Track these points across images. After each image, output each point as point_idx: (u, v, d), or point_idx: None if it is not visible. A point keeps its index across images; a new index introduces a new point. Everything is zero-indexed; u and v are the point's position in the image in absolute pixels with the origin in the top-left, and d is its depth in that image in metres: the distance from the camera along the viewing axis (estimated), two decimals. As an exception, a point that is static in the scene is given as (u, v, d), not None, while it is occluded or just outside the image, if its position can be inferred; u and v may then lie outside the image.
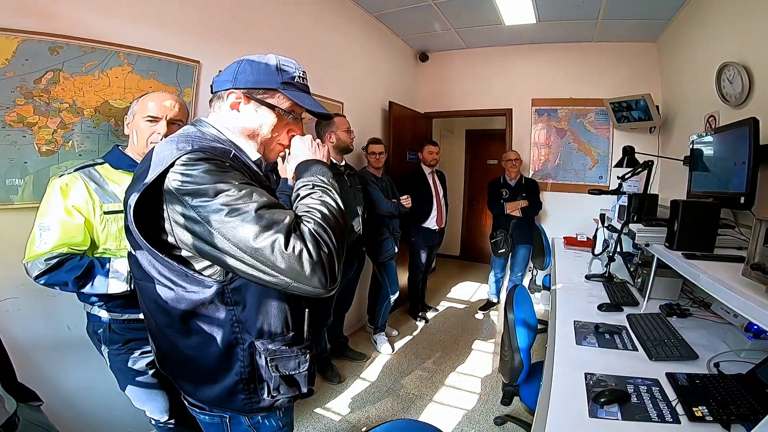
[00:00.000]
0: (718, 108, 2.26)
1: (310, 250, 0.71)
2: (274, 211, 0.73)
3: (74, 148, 1.53)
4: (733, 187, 1.67)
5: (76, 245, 1.23)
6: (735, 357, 1.33)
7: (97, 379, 1.57)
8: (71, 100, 1.50)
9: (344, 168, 2.54)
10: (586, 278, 2.36)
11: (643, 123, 3.44)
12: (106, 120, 1.60)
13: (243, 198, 0.72)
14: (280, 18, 2.49)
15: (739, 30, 2.10)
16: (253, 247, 0.69)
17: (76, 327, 1.51)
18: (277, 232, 0.70)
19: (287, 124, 0.96)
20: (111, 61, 1.60)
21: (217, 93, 0.92)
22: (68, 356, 1.54)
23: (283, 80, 0.91)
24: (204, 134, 0.88)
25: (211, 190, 0.72)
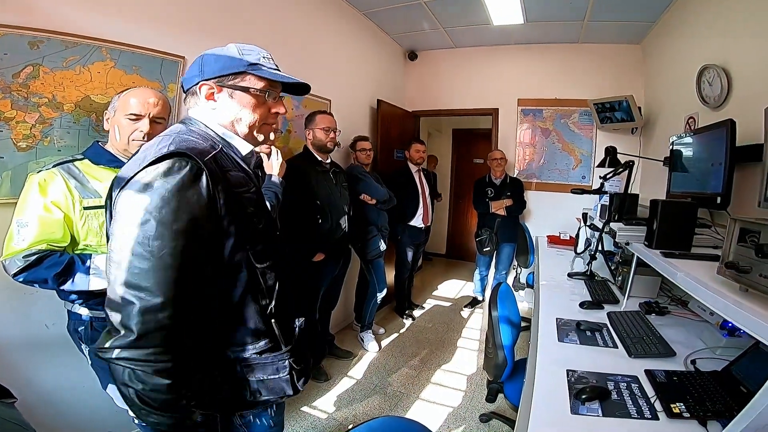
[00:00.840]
0: (697, 109, 2.31)
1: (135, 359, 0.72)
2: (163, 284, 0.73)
3: (53, 144, 1.49)
4: (710, 187, 1.71)
5: (55, 242, 1.20)
6: (711, 354, 1.37)
7: (77, 377, 1.55)
8: (51, 94, 1.47)
9: (329, 165, 2.53)
10: (568, 276, 2.41)
11: (625, 124, 3.51)
12: (87, 115, 1.57)
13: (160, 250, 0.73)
14: (267, 14, 2.46)
15: (720, 33, 2.15)
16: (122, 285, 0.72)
17: (55, 325, 1.48)
18: (141, 300, 0.71)
19: (267, 104, 0.96)
20: (93, 56, 1.57)
21: (190, 90, 0.93)
22: (47, 355, 1.51)
23: (248, 62, 0.91)
24: (191, 131, 0.88)
25: (151, 217, 0.73)
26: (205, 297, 0.81)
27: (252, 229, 0.88)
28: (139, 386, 0.74)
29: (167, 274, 0.73)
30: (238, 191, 0.86)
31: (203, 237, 0.78)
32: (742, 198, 1.66)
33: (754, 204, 1.28)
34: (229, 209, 0.82)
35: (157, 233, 0.72)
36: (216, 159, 0.83)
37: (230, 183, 0.84)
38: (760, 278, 0.85)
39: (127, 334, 0.71)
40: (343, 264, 2.73)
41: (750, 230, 0.93)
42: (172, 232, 0.73)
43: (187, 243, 0.75)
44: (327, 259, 2.48)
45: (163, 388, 0.74)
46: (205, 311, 0.81)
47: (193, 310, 0.78)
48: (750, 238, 0.93)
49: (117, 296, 0.72)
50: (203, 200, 0.77)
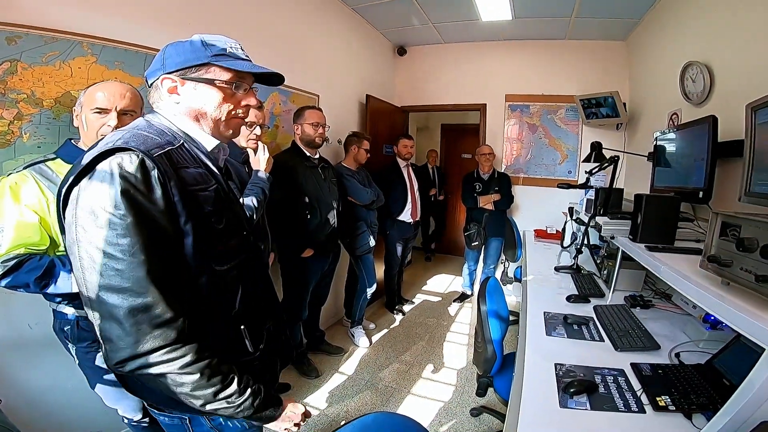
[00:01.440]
0: (680, 106, 2.36)
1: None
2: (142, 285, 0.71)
3: (32, 140, 1.45)
4: (693, 182, 1.74)
5: (33, 245, 1.17)
6: (694, 347, 1.40)
7: (63, 377, 1.53)
8: (30, 90, 1.43)
9: (318, 161, 2.51)
10: (555, 270, 2.44)
11: (610, 119, 3.56)
12: (68, 111, 1.52)
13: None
14: (254, 8, 2.41)
15: (703, 30, 2.18)
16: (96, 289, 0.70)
17: (38, 325, 1.46)
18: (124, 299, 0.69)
19: (236, 96, 0.90)
20: (73, 51, 1.53)
21: (153, 85, 0.88)
22: (31, 355, 1.49)
23: (213, 53, 0.86)
24: (151, 126, 0.84)
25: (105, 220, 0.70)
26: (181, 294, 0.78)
27: (209, 229, 0.83)
28: (184, 389, 0.73)
29: (144, 269, 0.70)
30: (193, 189, 0.80)
31: (166, 231, 0.75)
32: (723, 192, 1.70)
33: (735, 198, 1.30)
34: (185, 207, 0.77)
35: (123, 230, 0.69)
36: (169, 155, 0.79)
37: (184, 181, 0.79)
38: (741, 272, 0.87)
39: (125, 342, 0.69)
40: (333, 259, 2.72)
41: (731, 224, 0.94)
42: (135, 226, 0.70)
43: (153, 235, 0.73)
44: (316, 255, 2.47)
45: (200, 382, 0.74)
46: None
47: (181, 299, 0.76)
48: (731, 232, 0.94)
49: (100, 303, 0.70)
50: (157, 195, 0.74)
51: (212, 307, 0.85)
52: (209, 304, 0.84)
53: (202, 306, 0.82)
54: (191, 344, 0.74)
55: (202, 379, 0.74)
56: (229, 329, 0.89)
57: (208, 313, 0.84)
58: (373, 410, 2.30)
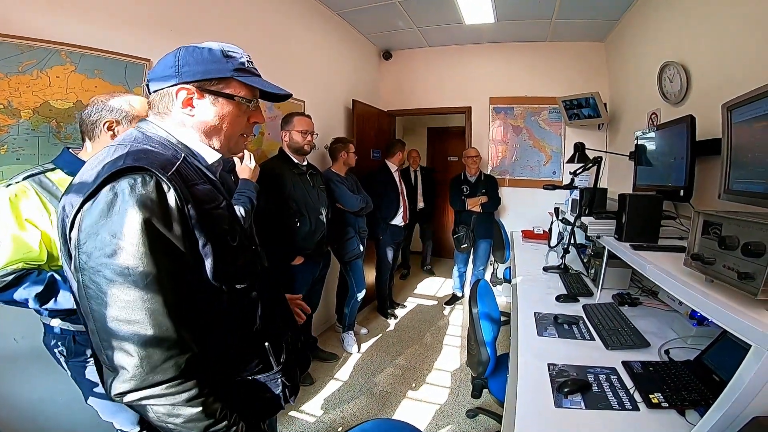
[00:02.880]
0: (659, 105, 2.41)
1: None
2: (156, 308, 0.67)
3: (11, 152, 1.40)
4: (673, 180, 1.78)
5: (32, 260, 1.13)
6: (682, 344, 1.43)
7: (55, 391, 1.49)
8: (6, 101, 1.38)
9: (306, 168, 2.49)
10: (543, 270, 2.47)
11: (592, 120, 3.63)
12: (47, 122, 1.49)
13: None
14: (237, 14, 2.39)
15: (679, 31, 2.23)
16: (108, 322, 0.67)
17: (24, 339, 1.43)
18: (136, 333, 0.66)
19: (247, 112, 0.88)
20: (51, 59, 1.49)
21: (160, 92, 0.81)
22: (19, 369, 1.45)
23: (234, 67, 0.83)
24: (148, 138, 0.79)
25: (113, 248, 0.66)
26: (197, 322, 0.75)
27: (226, 248, 0.79)
28: (177, 420, 0.70)
29: (157, 301, 0.67)
30: (208, 208, 0.77)
31: (183, 258, 0.71)
32: (703, 190, 1.75)
33: (715, 196, 1.34)
34: (203, 229, 0.74)
35: (136, 260, 0.65)
36: (180, 171, 0.74)
37: (199, 199, 0.75)
38: (724, 269, 0.89)
39: (135, 373, 0.66)
40: (323, 266, 2.70)
41: (713, 223, 0.96)
42: (151, 256, 0.66)
43: (170, 264, 0.69)
44: (306, 262, 2.46)
45: (199, 416, 0.71)
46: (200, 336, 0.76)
47: (194, 329, 0.73)
48: (713, 230, 0.96)
49: (109, 334, 0.66)
50: (175, 220, 0.70)
51: (235, 328, 0.83)
52: (231, 324, 0.82)
53: (223, 327, 0.80)
54: (197, 377, 0.72)
55: (201, 413, 0.71)
56: (254, 347, 0.87)
57: (230, 334, 0.82)
58: (369, 415, 2.30)
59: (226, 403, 0.77)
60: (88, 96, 1.58)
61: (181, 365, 0.69)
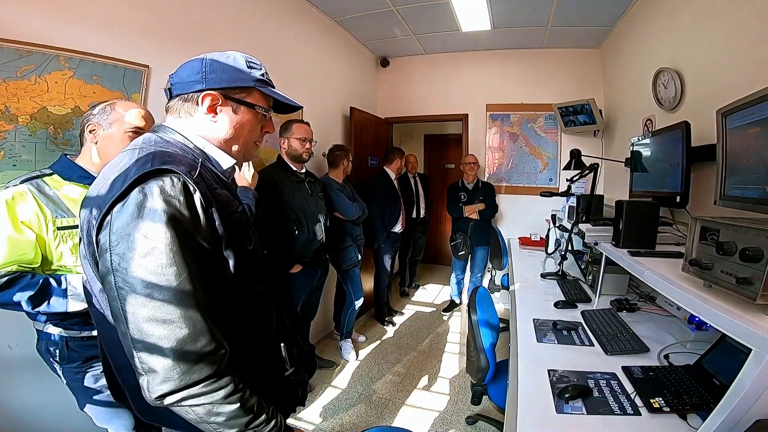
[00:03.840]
0: (654, 112, 2.44)
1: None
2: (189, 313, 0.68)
3: (8, 158, 1.40)
4: (669, 186, 1.79)
5: (26, 263, 1.13)
6: (681, 348, 1.44)
7: (50, 398, 1.48)
8: (4, 106, 1.38)
9: (305, 175, 2.49)
10: (541, 277, 2.48)
11: (588, 127, 3.66)
12: (44, 127, 1.48)
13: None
14: (236, 21, 2.41)
15: (674, 38, 2.26)
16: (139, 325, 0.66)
17: (18, 346, 1.41)
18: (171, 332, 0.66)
19: (261, 121, 0.91)
20: (50, 65, 1.49)
21: (182, 96, 0.83)
22: (13, 376, 1.44)
23: (256, 77, 0.86)
24: (167, 143, 0.80)
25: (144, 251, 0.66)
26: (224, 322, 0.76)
27: (244, 251, 0.81)
28: (219, 419, 0.70)
29: (191, 300, 0.67)
30: (228, 211, 0.79)
31: (211, 258, 0.73)
32: (699, 196, 1.76)
33: (711, 202, 1.35)
34: (226, 231, 0.76)
35: (169, 260, 0.66)
36: (202, 175, 0.76)
37: (220, 203, 0.77)
38: (722, 274, 0.89)
39: (172, 374, 0.66)
40: (321, 274, 2.69)
41: (710, 229, 0.97)
42: (182, 255, 0.67)
43: (199, 263, 0.70)
44: (304, 270, 2.44)
45: (238, 412, 0.71)
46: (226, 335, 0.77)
47: (224, 327, 0.74)
48: (710, 236, 0.97)
49: (143, 335, 0.66)
50: (201, 220, 0.71)
51: (252, 330, 0.84)
52: (249, 326, 0.83)
53: (242, 329, 0.81)
54: (232, 374, 0.72)
55: (239, 410, 0.72)
56: (269, 349, 0.88)
57: (248, 336, 0.83)
58: (368, 423, 2.28)
59: (260, 397, 0.78)
60: (86, 102, 1.58)
61: (216, 363, 0.69)
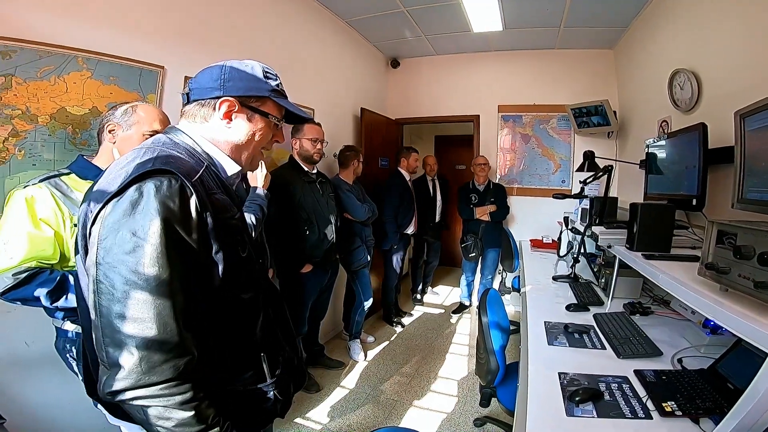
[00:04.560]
0: (670, 113, 2.39)
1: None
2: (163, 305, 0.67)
3: (28, 158, 1.43)
4: (685, 189, 1.76)
5: (45, 259, 1.16)
6: (696, 352, 1.41)
7: (64, 394, 1.50)
8: (24, 106, 1.41)
9: (316, 176, 2.51)
10: (553, 279, 2.45)
11: (601, 128, 3.61)
12: (63, 128, 1.52)
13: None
14: (249, 22, 2.44)
15: (690, 38, 2.22)
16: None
17: (34, 343, 1.44)
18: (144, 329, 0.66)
19: (273, 130, 0.93)
20: (68, 65, 1.52)
21: (200, 101, 0.85)
22: (29, 373, 1.47)
23: (271, 88, 0.88)
24: (176, 145, 0.82)
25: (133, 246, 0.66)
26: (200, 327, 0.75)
27: (236, 257, 0.82)
28: (167, 424, 0.69)
29: (166, 302, 0.67)
30: (224, 217, 0.79)
31: (197, 262, 0.73)
32: (716, 199, 1.72)
33: (728, 205, 1.32)
34: (217, 237, 0.76)
35: (152, 260, 0.66)
36: (202, 179, 0.77)
37: (216, 208, 0.77)
38: (740, 278, 0.88)
39: (132, 371, 0.65)
40: (331, 274, 2.70)
41: (727, 232, 0.95)
42: (167, 257, 0.67)
43: (184, 267, 0.70)
44: (315, 270, 2.46)
45: (190, 421, 0.70)
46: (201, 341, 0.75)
47: (196, 333, 0.73)
48: (728, 240, 0.95)
49: (113, 330, 0.66)
50: (193, 224, 0.71)
51: (234, 336, 0.84)
52: (231, 332, 0.83)
53: (224, 335, 0.81)
54: (193, 381, 0.71)
55: (192, 418, 0.70)
56: (250, 357, 0.87)
57: (229, 341, 0.83)
58: (375, 423, 2.28)
59: (219, 410, 0.76)
60: (104, 102, 1.61)
61: (179, 368, 0.68)
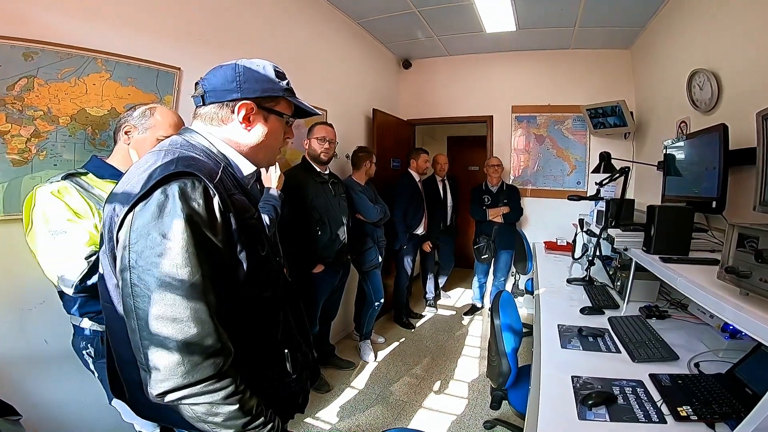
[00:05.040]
0: (689, 114, 2.34)
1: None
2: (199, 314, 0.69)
3: (49, 158, 1.46)
4: (705, 191, 1.73)
5: (96, 245, 1.15)
6: (713, 357, 1.38)
7: (77, 391, 1.53)
8: (46, 107, 1.44)
9: (328, 176, 2.52)
10: (567, 282, 2.41)
11: (618, 129, 3.55)
12: (83, 128, 1.55)
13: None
14: (263, 24, 2.47)
15: (709, 38, 2.18)
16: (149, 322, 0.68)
17: (53, 340, 1.47)
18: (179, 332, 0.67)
19: (284, 128, 0.94)
20: (88, 67, 1.55)
21: (217, 103, 0.84)
22: (46, 370, 1.49)
23: (284, 87, 0.89)
24: (192, 147, 0.82)
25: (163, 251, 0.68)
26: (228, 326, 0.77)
27: (257, 257, 0.82)
28: (217, 419, 0.71)
29: (201, 301, 0.69)
30: (244, 217, 0.80)
31: (224, 261, 0.74)
32: (737, 201, 1.68)
33: (749, 208, 1.29)
34: (240, 237, 0.77)
35: (184, 260, 0.67)
36: (221, 180, 0.78)
37: (237, 208, 0.78)
38: (761, 282, 0.86)
39: (175, 372, 0.67)
40: (343, 275, 2.72)
41: (749, 236, 0.94)
42: (197, 257, 0.68)
43: (213, 266, 0.71)
44: (326, 270, 2.47)
45: (237, 413, 0.72)
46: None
47: (230, 329, 0.75)
48: (749, 243, 0.93)
49: (151, 332, 0.67)
50: (218, 224, 0.73)
51: (259, 334, 0.85)
52: (255, 330, 0.84)
53: (249, 333, 0.82)
54: (234, 375, 0.73)
55: (238, 411, 0.72)
56: (274, 354, 0.89)
57: (254, 339, 0.84)
58: (384, 424, 2.28)
59: (260, 400, 0.78)
60: (122, 103, 1.64)
61: (219, 364, 0.70)
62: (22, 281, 1.40)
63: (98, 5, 1.59)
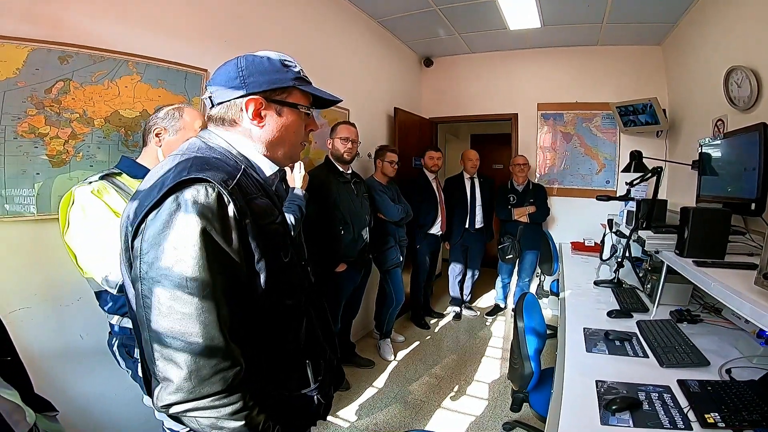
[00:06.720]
0: (726, 112, 2.25)
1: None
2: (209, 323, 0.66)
3: (85, 159, 1.51)
4: (744, 192, 1.66)
5: None
6: (747, 363, 1.32)
7: (110, 387, 1.57)
8: (81, 110, 1.49)
9: (350, 176, 2.54)
10: (594, 284, 2.35)
11: (650, 127, 3.42)
12: (117, 130, 1.60)
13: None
14: (286, 25, 2.51)
15: (747, 34, 2.09)
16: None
17: (88, 336, 1.51)
18: (189, 344, 0.65)
19: (305, 120, 0.88)
20: (120, 70, 1.59)
21: (226, 103, 0.80)
22: (81, 365, 1.53)
23: (294, 75, 0.83)
24: (211, 149, 0.79)
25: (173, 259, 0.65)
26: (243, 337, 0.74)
27: (279, 263, 0.78)
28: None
29: (211, 315, 0.66)
30: (265, 223, 0.76)
31: (239, 272, 0.71)
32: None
33: (791, 209, 1.22)
34: (259, 245, 0.73)
35: (195, 273, 0.64)
36: (240, 184, 0.73)
37: (256, 214, 0.74)
38: (802, 288, 0.81)
39: (183, 385, 0.65)
40: (365, 273, 2.73)
41: (790, 238, 0.89)
42: (210, 269, 0.65)
43: (226, 278, 0.68)
44: (349, 269, 2.49)
45: (242, 429, 0.70)
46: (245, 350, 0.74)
47: (242, 344, 0.72)
48: (790, 246, 0.89)
49: (161, 344, 0.65)
50: (233, 234, 0.69)
51: (278, 343, 0.83)
52: (275, 339, 0.82)
53: (267, 341, 0.80)
54: (242, 391, 0.70)
55: (244, 427, 0.70)
56: (294, 363, 0.86)
57: (273, 349, 0.82)
58: (402, 424, 2.28)
59: (269, 415, 0.76)
60: (152, 105, 1.68)
61: (228, 379, 0.68)
62: (59, 278, 1.44)
63: (128, 9, 1.64)
